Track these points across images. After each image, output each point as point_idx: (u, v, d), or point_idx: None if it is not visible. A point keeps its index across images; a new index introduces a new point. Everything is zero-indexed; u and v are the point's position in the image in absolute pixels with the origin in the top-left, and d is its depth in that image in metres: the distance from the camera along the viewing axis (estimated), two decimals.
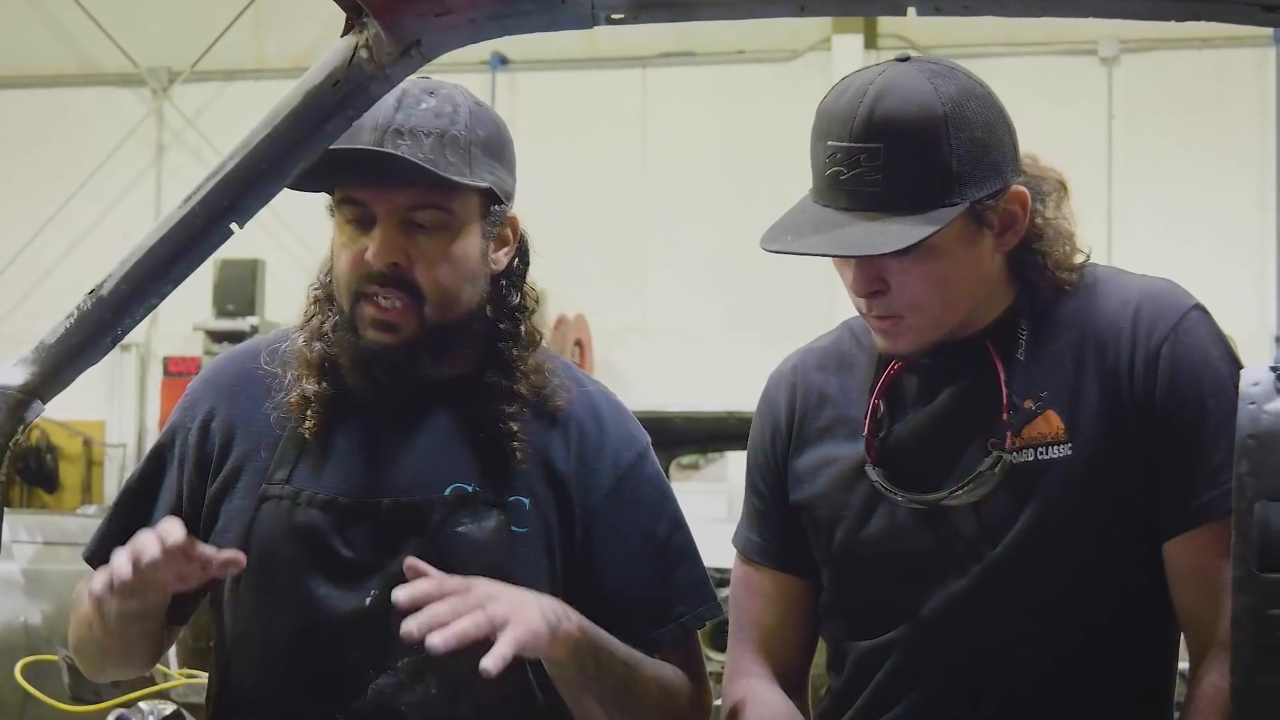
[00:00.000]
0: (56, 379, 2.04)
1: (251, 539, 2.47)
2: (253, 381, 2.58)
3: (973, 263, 2.37)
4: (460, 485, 2.47)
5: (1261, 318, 13.16)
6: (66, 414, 13.79)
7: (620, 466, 2.55)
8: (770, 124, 13.47)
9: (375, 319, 2.44)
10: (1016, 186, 2.36)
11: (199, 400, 2.61)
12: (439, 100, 2.47)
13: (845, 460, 2.49)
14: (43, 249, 15.35)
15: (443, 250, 2.45)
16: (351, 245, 2.45)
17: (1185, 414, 2.32)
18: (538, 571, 2.46)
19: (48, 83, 15.88)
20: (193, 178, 2.11)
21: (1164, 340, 2.35)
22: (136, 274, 2.02)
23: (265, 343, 2.64)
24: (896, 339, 2.41)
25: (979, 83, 2.38)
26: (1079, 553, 2.35)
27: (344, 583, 2.44)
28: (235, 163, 1.99)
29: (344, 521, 2.46)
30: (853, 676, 2.49)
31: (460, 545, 2.43)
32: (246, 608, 2.49)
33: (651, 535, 2.56)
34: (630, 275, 14.55)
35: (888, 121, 2.29)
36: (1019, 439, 2.36)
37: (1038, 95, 11.78)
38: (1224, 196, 13.47)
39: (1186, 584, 2.32)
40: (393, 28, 1.94)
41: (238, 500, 2.52)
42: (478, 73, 14.53)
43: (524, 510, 2.48)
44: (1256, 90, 13.58)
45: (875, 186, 2.29)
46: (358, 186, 2.43)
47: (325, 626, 2.43)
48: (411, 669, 2.41)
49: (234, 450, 2.55)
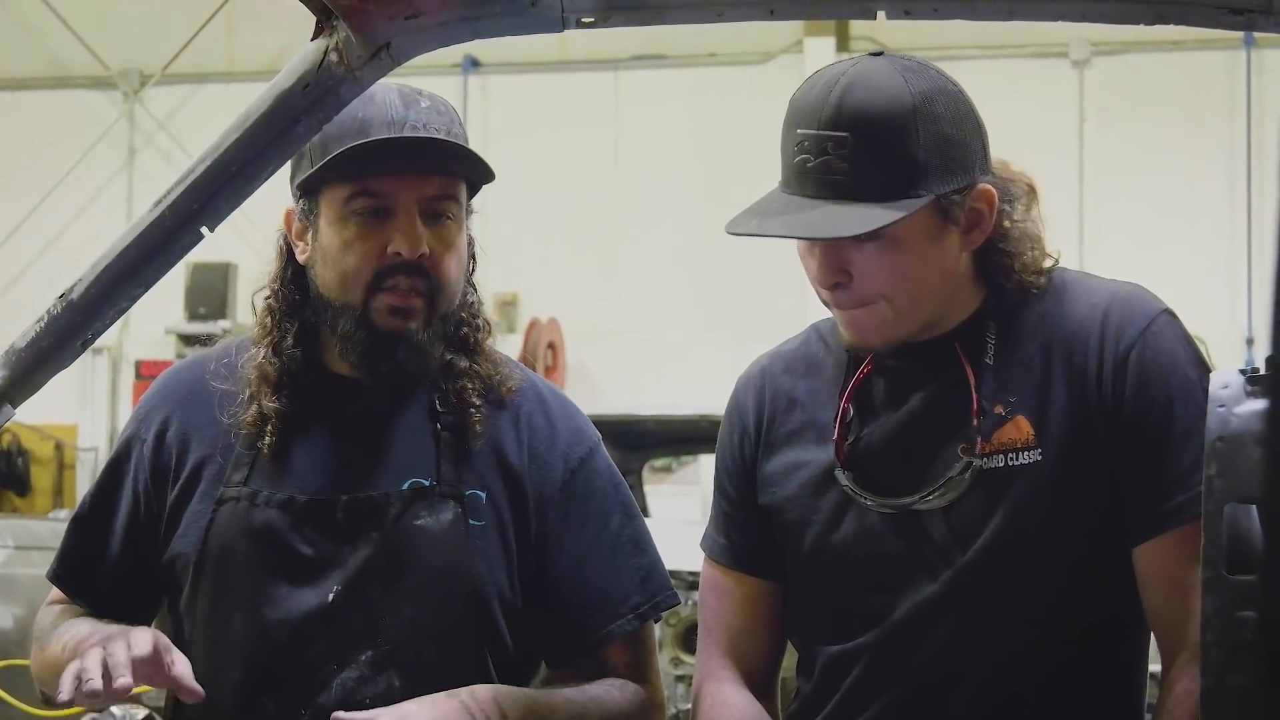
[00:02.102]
0: (27, 383, 2.04)
1: (210, 540, 2.50)
2: (204, 392, 2.60)
3: (938, 258, 2.37)
4: (417, 480, 2.50)
5: (1231, 318, 13.20)
6: (38, 418, 13.74)
7: (572, 460, 2.59)
8: (743, 127, 13.47)
9: (395, 306, 2.47)
10: (984, 185, 2.37)
11: (152, 412, 2.63)
12: (433, 101, 2.52)
13: (815, 464, 2.49)
14: (13, 252, 15.29)
15: (453, 242, 2.52)
16: (365, 238, 2.47)
17: (1154, 418, 2.32)
18: (495, 563, 2.50)
19: (17, 85, 15.81)
20: (164, 181, 2.10)
21: (1133, 345, 2.35)
22: (107, 278, 2.02)
23: (213, 356, 2.65)
24: (864, 330, 2.41)
25: (951, 81, 2.39)
26: (1049, 558, 2.35)
27: (304, 580, 2.46)
28: (206, 166, 1.99)
29: (302, 520, 2.48)
30: (822, 681, 2.49)
31: (418, 539, 2.47)
32: (204, 609, 2.51)
33: (605, 528, 2.59)
34: (602, 277, 14.55)
35: (856, 111, 2.30)
36: (989, 444, 2.36)
37: (1009, 97, 11.79)
38: (1194, 198, 13.51)
39: (1157, 588, 2.33)
40: (363, 31, 1.93)
41: (195, 504, 2.53)
42: (450, 75, 14.52)
43: (480, 503, 2.51)
44: (1227, 92, 13.62)
45: (841, 175, 2.30)
46: (383, 177, 2.46)
47: (285, 624, 2.45)
48: (374, 662, 2.43)
49: (190, 456, 2.56)
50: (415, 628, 2.45)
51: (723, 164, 13.63)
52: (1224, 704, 1.86)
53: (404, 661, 2.44)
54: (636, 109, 14.70)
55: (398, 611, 2.45)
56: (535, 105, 14.74)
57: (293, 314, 2.56)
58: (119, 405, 15.33)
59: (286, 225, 2.59)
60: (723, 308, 14.15)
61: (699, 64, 14.59)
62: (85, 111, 15.58)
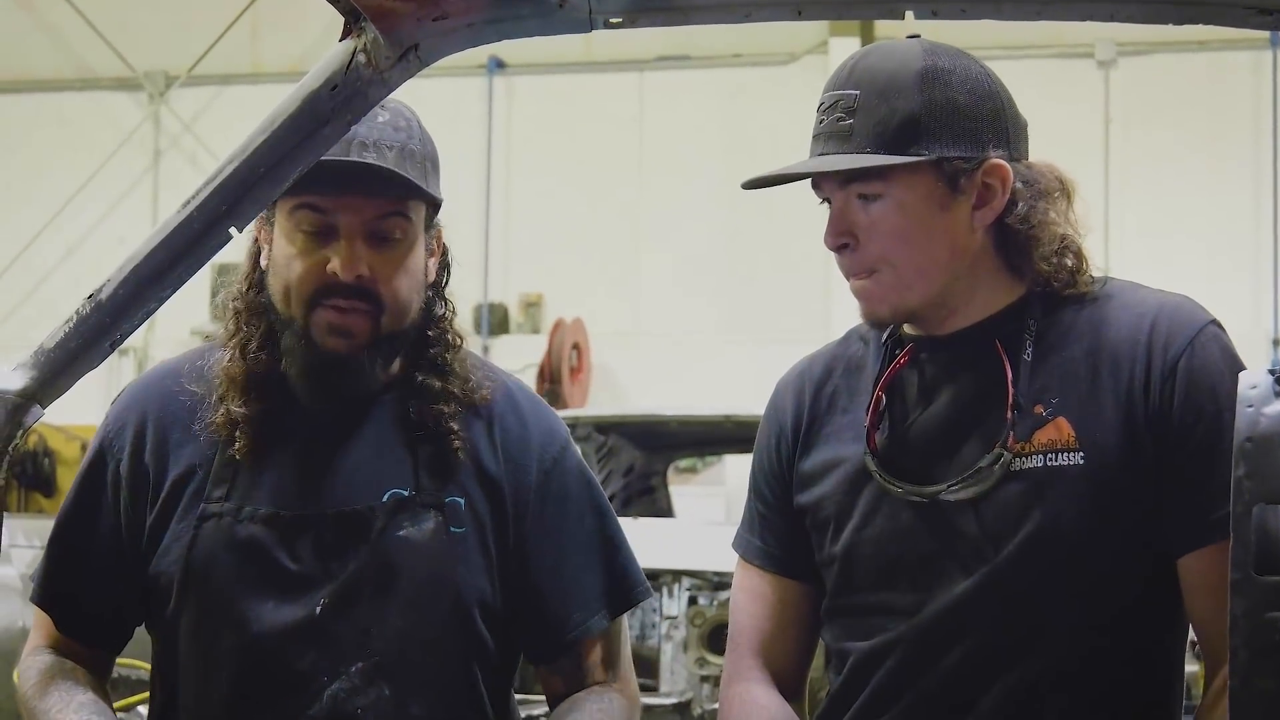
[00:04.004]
0: (55, 383, 2.04)
1: (193, 557, 2.48)
2: (177, 403, 2.59)
3: (945, 228, 2.38)
4: (397, 491, 2.50)
5: (1257, 319, 13.18)
6: (64, 418, 13.77)
7: (545, 461, 2.61)
8: (767, 128, 13.47)
9: (334, 325, 2.46)
10: (997, 161, 2.38)
11: (124, 427, 2.61)
12: (392, 115, 2.50)
13: (852, 461, 2.49)
14: (40, 254, 15.35)
15: (401, 262, 2.49)
16: (308, 255, 2.47)
17: (1201, 429, 2.32)
18: (477, 569, 2.52)
19: (44, 87, 15.88)
20: (189, 183, 2.11)
21: (1180, 355, 2.34)
22: (135, 278, 2.02)
23: (185, 360, 2.64)
24: (871, 300, 2.43)
25: (983, 68, 2.42)
26: (1086, 561, 2.34)
27: (291, 594, 2.46)
28: (233, 167, 1.99)
29: (288, 535, 2.48)
30: (852, 677, 2.49)
31: (402, 549, 2.47)
32: (189, 625, 2.50)
33: (580, 527, 2.62)
34: (626, 279, 14.56)
35: (866, 70, 2.39)
36: (1029, 444, 2.36)
37: (1035, 98, 11.66)
38: (1220, 198, 13.49)
39: (1203, 599, 2.31)
40: (390, 32, 1.94)
41: (176, 523, 2.52)
42: (475, 77, 14.56)
43: (460, 510, 2.52)
44: (1253, 93, 13.60)
45: (845, 127, 2.37)
46: (325, 195, 2.44)
47: (272, 637, 2.44)
48: (365, 673, 2.44)
49: (169, 474, 2.55)
50: (404, 638, 2.46)
51: (747, 165, 13.43)
52: (1251, 705, 1.85)
53: (393, 672, 2.45)
54: (661, 110, 14.72)
55: (386, 623, 2.46)
56: (560, 106, 14.77)
57: (257, 317, 2.55)
58: None
59: (257, 228, 2.58)
60: (746, 310, 14.15)
61: (724, 65, 14.60)
62: (110, 113, 15.65)
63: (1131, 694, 2.38)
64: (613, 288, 14.56)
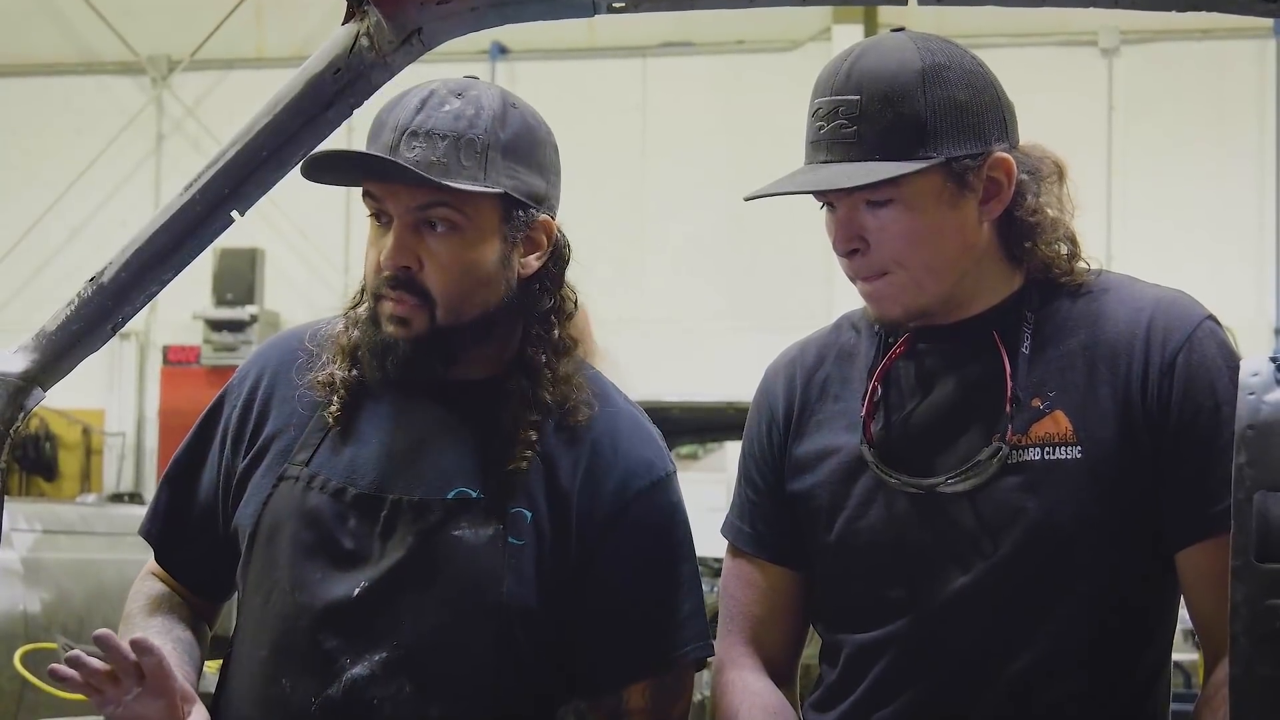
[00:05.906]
0: (57, 366, 2.05)
1: (265, 515, 2.50)
2: (295, 362, 2.60)
3: (955, 226, 2.38)
4: (464, 490, 2.46)
5: (1259, 308, 13.18)
6: (65, 402, 13.80)
7: (629, 492, 2.51)
8: (770, 114, 13.45)
9: (392, 314, 2.44)
10: (1001, 154, 2.38)
11: (247, 375, 2.64)
12: (463, 103, 2.43)
13: (846, 450, 2.49)
14: (42, 237, 15.35)
15: (454, 253, 2.43)
16: (375, 243, 2.46)
17: (1200, 423, 2.32)
18: (528, 583, 2.44)
19: (47, 71, 15.87)
20: (192, 167, 2.11)
21: (1178, 351, 2.35)
22: (137, 262, 2.02)
23: (314, 325, 2.66)
24: (883, 301, 2.42)
25: (972, 57, 2.41)
26: (1084, 553, 2.34)
27: (339, 570, 2.45)
28: (236, 150, 2.00)
29: (350, 512, 2.47)
30: (848, 670, 2.48)
31: (454, 548, 2.43)
32: (252, 582, 2.51)
33: (651, 568, 2.52)
34: (629, 265, 14.54)
35: (865, 74, 2.36)
36: (1026, 437, 2.36)
37: (1038, 86, 11.76)
38: (1223, 187, 13.48)
39: (1203, 592, 2.32)
40: (393, 16, 1.94)
41: (260, 477, 2.54)
42: (478, 62, 14.54)
43: (524, 523, 2.46)
44: (1256, 81, 13.59)
45: (850, 135, 2.34)
46: (375, 183, 2.42)
47: (311, 610, 2.44)
48: (388, 664, 2.42)
49: (267, 427, 2.57)
50: (435, 636, 2.42)
51: (750, 152, 13.61)
52: (1252, 693, 1.85)
53: (417, 667, 2.41)
54: (664, 96, 14.70)
55: (421, 617, 2.42)
56: (563, 92, 14.73)
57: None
58: (146, 390, 15.39)
59: None
60: (749, 296, 14.15)
61: (727, 51, 14.59)
62: (113, 97, 15.64)
63: (1125, 685, 2.39)
64: (615, 274, 14.53)
